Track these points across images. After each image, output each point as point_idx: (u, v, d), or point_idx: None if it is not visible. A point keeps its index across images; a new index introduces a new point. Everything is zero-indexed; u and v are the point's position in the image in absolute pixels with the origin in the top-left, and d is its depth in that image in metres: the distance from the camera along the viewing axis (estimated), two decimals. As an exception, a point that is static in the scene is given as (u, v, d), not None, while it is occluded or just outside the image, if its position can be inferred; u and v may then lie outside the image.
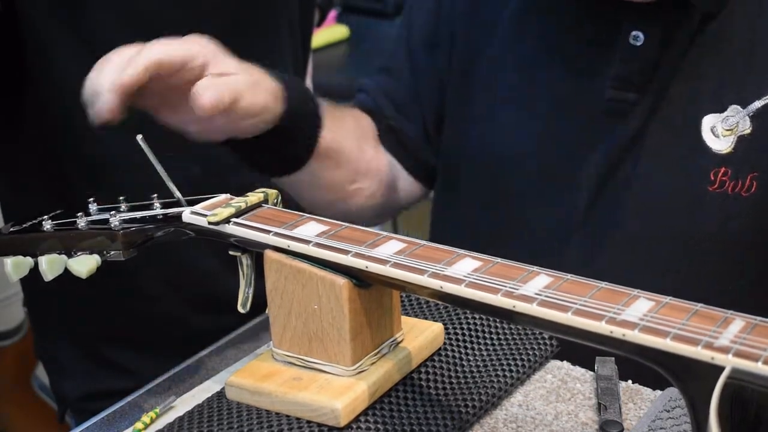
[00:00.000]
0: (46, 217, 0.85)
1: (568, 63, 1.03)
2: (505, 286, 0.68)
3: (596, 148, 1.00)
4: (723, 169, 0.96)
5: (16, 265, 0.83)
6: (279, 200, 0.84)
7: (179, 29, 1.10)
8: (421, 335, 0.84)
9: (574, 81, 1.03)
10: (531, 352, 0.88)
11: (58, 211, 0.86)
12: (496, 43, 1.07)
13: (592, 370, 0.88)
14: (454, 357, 0.85)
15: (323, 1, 1.50)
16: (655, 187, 0.99)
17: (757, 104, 0.95)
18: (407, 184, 1.17)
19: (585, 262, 1.02)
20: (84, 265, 0.82)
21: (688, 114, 0.98)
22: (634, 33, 0.97)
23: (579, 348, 0.71)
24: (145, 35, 1.08)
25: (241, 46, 1.16)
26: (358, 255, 0.74)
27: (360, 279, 0.75)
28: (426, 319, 0.89)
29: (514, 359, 0.87)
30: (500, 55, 1.07)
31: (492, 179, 1.09)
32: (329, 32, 2.21)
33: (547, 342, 0.90)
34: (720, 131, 0.96)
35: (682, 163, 0.98)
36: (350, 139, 1.08)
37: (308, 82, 1.36)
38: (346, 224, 0.78)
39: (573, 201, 1.03)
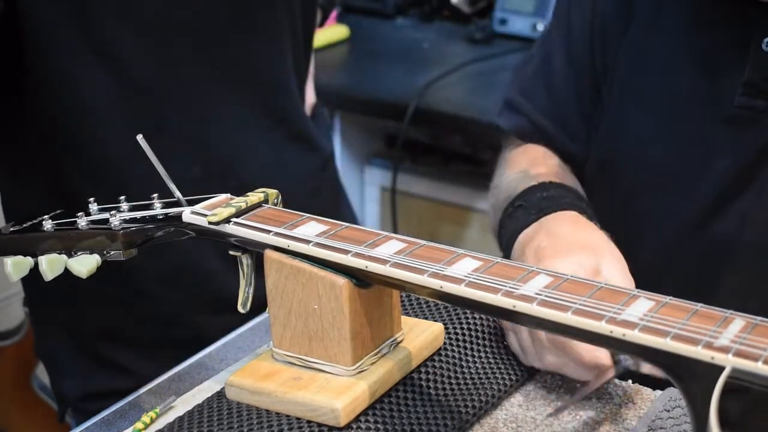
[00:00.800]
0: (46, 216, 0.85)
1: (699, 65, 1.01)
2: (505, 286, 0.68)
3: (722, 155, 0.98)
4: None
5: (16, 265, 0.83)
6: (279, 200, 0.84)
7: (181, 29, 1.10)
8: (421, 335, 0.84)
9: (702, 84, 1.00)
10: (531, 352, 0.88)
11: (58, 211, 0.86)
12: (630, 36, 1.05)
13: (592, 370, 0.88)
14: (454, 357, 0.85)
15: (325, 1, 1.49)
16: None
17: None
18: None
19: (702, 272, 1.00)
20: (84, 264, 0.82)
21: None
22: (766, 39, 0.95)
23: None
24: (148, 35, 1.08)
25: (243, 47, 1.16)
26: (358, 255, 0.74)
27: (360, 279, 0.75)
28: (426, 319, 0.89)
29: (515, 359, 0.87)
30: (632, 51, 1.05)
31: (616, 177, 1.07)
32: (329, 32, 2.21)
33: (547, 342, 0.90)
34: None
35: None
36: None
37: (311, 83, 1.36)
38: (346, 224, 0.78)
39: (693, 208, 1.01)
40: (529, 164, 1.10)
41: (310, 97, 1.35)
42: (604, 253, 0.86)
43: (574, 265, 0.83)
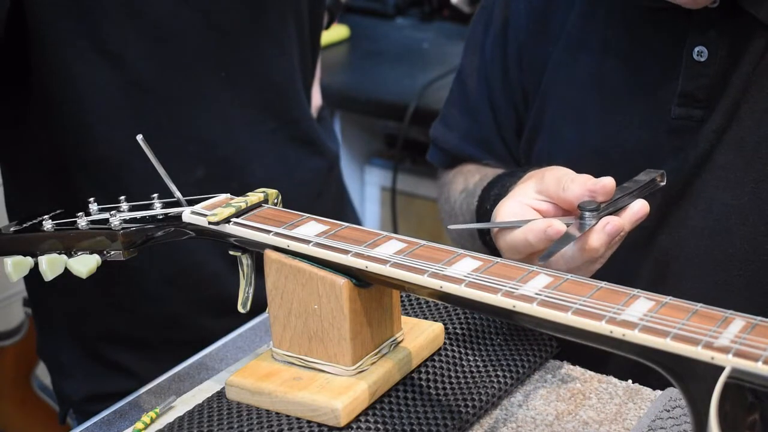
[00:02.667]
0: (46, 216, 0.85)
1: (633, 77, 1.00)
2: (505, 286, 0.68)
3: (664, 165, 0.96)
4: None
5: (16, 265, 0.83)
6: (279, 200, 0.84)
7: (186, 30, 1.10)
8: (421, 335, 0.84)
9: (638, 96, 1.00)
10: (531, 352, 0.88)
11: (58, 211, 0.86)
12: (559, 54, 1.05)
13: (592, 370, 0.88)
14: (454, 357, 0.85)
15: (332, 3, 1.49)
16: (725, 209, 0.96)
17: None
18: None
19: (653, 284, 0.99)
20: (84, 264, 0.82)
21: (758, 134, 0.94)
22: (697, 48, 0.94)
23: (579, 348, 0.71)
24: (151, 35, 1.08)
25: (249, 48, 1.16)
26: (358, 255, 0.74)
27: (360, 279, 0.75)
28: (426, 319, 0.89)
29: (514, 359, 0.87)
30: (562, 66, 1.05)
31: None
32: (329, 32, 2.20)
33: (547, 342, 0.90)
34: None
35: (752, 185, 0.95)
36: None
37: (317, 86, 1.36)
38: (346, 224, 0.78)
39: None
40: (466, 181, 1.12)
41: (317, 99, 1.35)
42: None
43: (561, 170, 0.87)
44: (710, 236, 0.97)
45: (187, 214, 0.81)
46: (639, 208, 0.84)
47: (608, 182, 0.83)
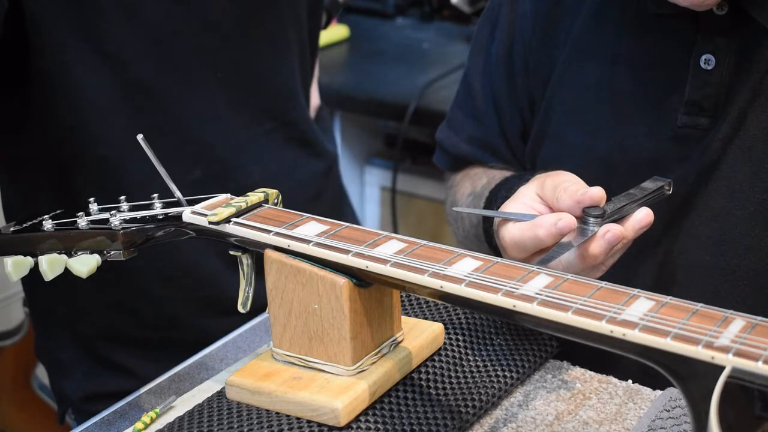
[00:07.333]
0: (46, 216, 0.85)
1: (640, 84, 0.99)
2: (506, 286, 0.68)
3: (669, 174, 0.95)
4: None
5: (16, 265, 0.83)
6: (279, 200, 0.84)
7: (184, 31, 1.10)
8: (421, 335, 0.84)
9: (645, 103, 0.99)
10: (531, 352, 0.88)
11: (58, 211, 0.86)
12: (565, 59, 1.04)
13: (593, 370, 0.88)
14: (454, 357, 0.85)
15: (329, 3, 1.49)
16: (731, 219, 0.95)
17: None
18: None
19: (657, 292, 0.99)
20: (84, 264, 0.82)
21: (765, 143, 0.93)
22: (705, 56, 0.94)
23: (579, 348, 0.71)
24: (150, 36, 1.08)
25: (247, 50, 1.16)
26: (358, 255, 0.74)
27: (360, 279, 0.75)
28: (426, 319, 0.89)
29: (514, 359, 0.87)
30: (569, 71, 1.04)
31: None
32: (329, 32, 2.21)
33: (547, 342, 0.90)
34: None
35: (759, 196, 0.94)
36: None
37: (315, 86, 1.35)
38: (347, 224, 0.78)
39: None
40: (473, 184, 1.12)
41: (315, 99, 1.35)
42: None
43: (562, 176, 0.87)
44: (715, 246, 0.96)
45: (188, 214, 0.81)
46: (642, 216, 0.83)
47: (596, 193, 0.83)
